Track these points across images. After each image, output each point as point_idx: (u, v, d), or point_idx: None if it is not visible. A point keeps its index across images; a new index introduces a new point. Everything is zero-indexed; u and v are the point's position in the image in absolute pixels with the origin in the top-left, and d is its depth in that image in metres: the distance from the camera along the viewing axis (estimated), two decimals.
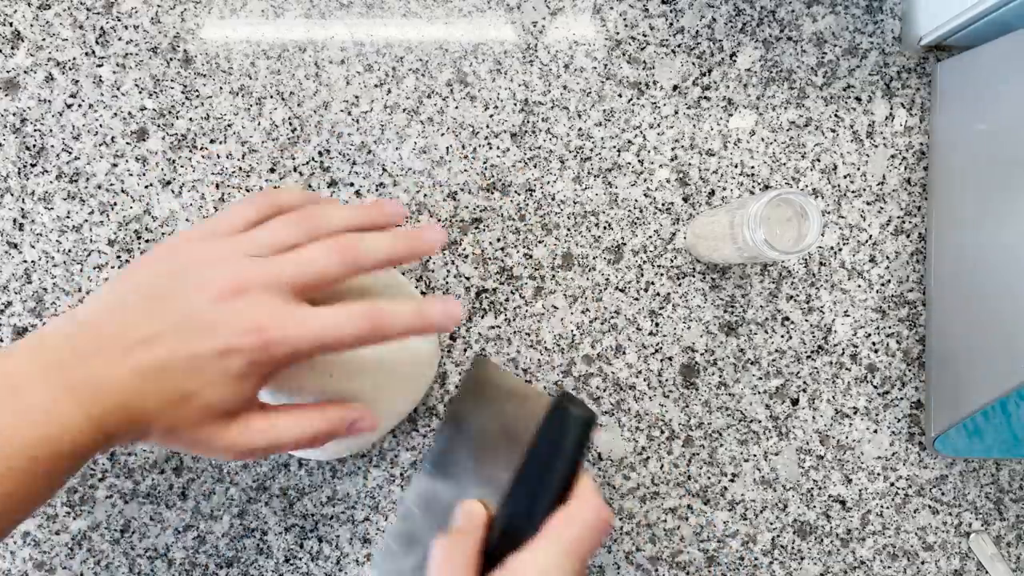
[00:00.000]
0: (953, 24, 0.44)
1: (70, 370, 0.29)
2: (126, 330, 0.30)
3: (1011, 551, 0.48)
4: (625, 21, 0.47)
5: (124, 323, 0.30)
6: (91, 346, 0.30)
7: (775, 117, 0.47)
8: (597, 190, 0.47)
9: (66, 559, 0.44)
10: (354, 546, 0.45)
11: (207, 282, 0.31)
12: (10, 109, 0.45)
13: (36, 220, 0.45)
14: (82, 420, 0.28)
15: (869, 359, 0.48)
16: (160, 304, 0.31)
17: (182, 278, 0.31)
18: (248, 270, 0.31)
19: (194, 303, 0.31)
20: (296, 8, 0.46)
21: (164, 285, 0.31)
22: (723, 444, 0.47)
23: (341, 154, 0.46)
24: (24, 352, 0.29)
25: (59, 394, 0.28)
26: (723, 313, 0.47)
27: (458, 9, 0.47)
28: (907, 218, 0.48)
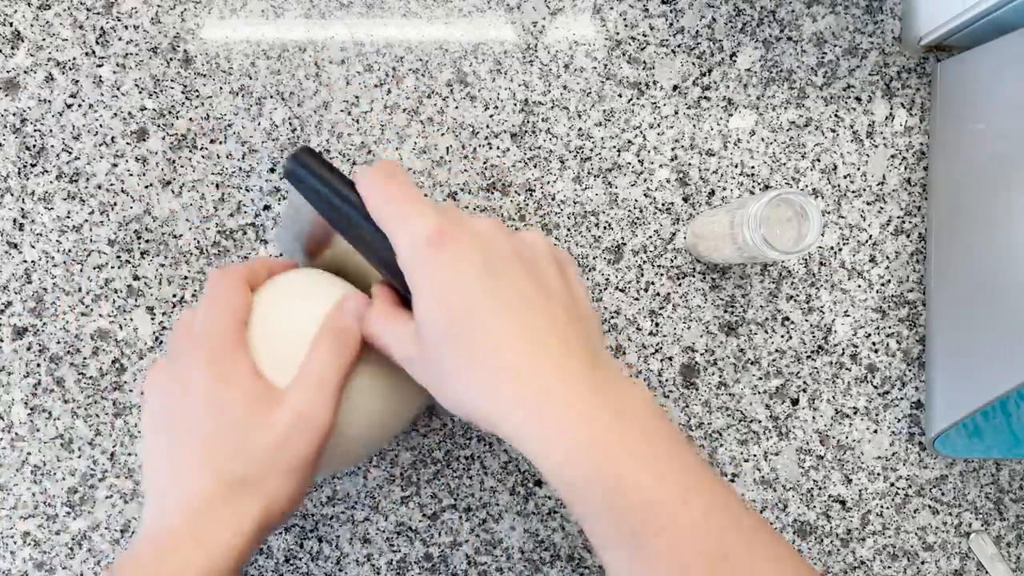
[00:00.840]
0: (953, 24, 0.44)
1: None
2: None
3: (1011, 551, 0.48)
4: (625, 21, 0.47)
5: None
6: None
7: (775, 117, 0.47)
8: (597, 190, 0.47)
9: (66, 559, 0.44)
10: (354, 546, 0.45)
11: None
12: (10, 109, 0.45)
13: (36, 220, 0.45)
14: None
15: (869, 359, 0.48)
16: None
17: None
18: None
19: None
20: (296, 8, 0.46)
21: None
22: (723, 444, 0.47)
23: (341, 154, 0.46)
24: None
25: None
26: (723, 313, 0.47)
27: (458, 9, 0.47)
28: (907, 218, 0.48)
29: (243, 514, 0.31)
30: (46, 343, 0.45)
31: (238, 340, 0.33)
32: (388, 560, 0.45)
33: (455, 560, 0.46)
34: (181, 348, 0.34)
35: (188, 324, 0.35)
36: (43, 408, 0.45)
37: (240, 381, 0.32)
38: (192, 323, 0.35)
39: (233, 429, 0.32)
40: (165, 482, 0.32)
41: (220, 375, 0.32)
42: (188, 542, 0.30)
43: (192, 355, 0.33)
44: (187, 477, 0.31)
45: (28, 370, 0.45)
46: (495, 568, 0.46)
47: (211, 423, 0.32)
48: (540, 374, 0.29)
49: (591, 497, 0.28)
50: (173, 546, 0.30)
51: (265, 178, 0.46)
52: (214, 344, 0.33)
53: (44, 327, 0.45)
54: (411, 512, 0.46)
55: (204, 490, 0.31)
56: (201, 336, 0.34)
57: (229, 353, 0.33)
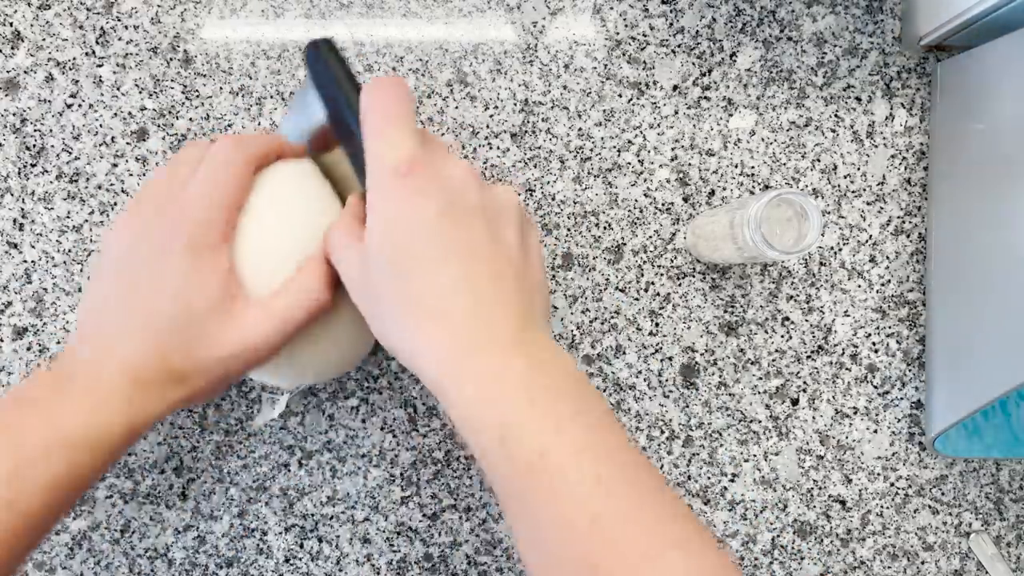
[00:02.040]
0: (953, 24, 0.44)
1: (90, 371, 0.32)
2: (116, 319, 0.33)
3: (1011, 551, 0.48)
4: (625, 21, 0.47)
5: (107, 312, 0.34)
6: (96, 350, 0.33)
7: (775, 117, 0.47)
8: (597, 190, 0.47)
9: (66, 559, 0.44)
10: (354, 546, 0.45)
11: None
12: (10, 109, 0.45)
13: (36, 220, 0.45)
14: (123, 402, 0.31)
15: (869, 359, 0.48)
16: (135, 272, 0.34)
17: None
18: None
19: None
20: (296, 8, 0.46)
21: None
22: (723, 444, 0.47)
23: None
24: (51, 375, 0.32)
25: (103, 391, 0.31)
26: (723, 313, 0.47)
27: (458, 9, 0.47)
28: (907, 218, 0.48)
29: (168, 398, 0.32)
30: (46, 343, 0.45)
31: (225, 233, 0.33)
32: (388, 560, 0.45)
33: (455, 560, 0.46)
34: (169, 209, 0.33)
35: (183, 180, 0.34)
36: None
37: (213, 280, 0.32)
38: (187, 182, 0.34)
39: (190, 326, 0.32)
40: (113, 331, 0.33)
41: (196, 266, 0.32)
42: (123, 401, 0.31)
43: (177, 228, 0.32)
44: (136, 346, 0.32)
45: (28, 370, 0.45)
46: (495, 568, 0.46)
47: (174, 309, 0.32)
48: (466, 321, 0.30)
49: (486, 441, 0.28)
50: (109, 400, 0.31)
51: None
52: (201, 230, 0.32)
53: (44, 327, 0.45)
54: (411, 512, 0.46)
55: (148, 368, 0.32)
56: (192, 212, 0.33)
57: (213, 245, 0.33)
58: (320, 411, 0.45)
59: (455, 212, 0.31)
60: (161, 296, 0.32)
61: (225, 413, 0.45)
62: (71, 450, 0.30)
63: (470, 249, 0.31)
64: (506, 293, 0.31)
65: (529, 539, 0.28)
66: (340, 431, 0.46)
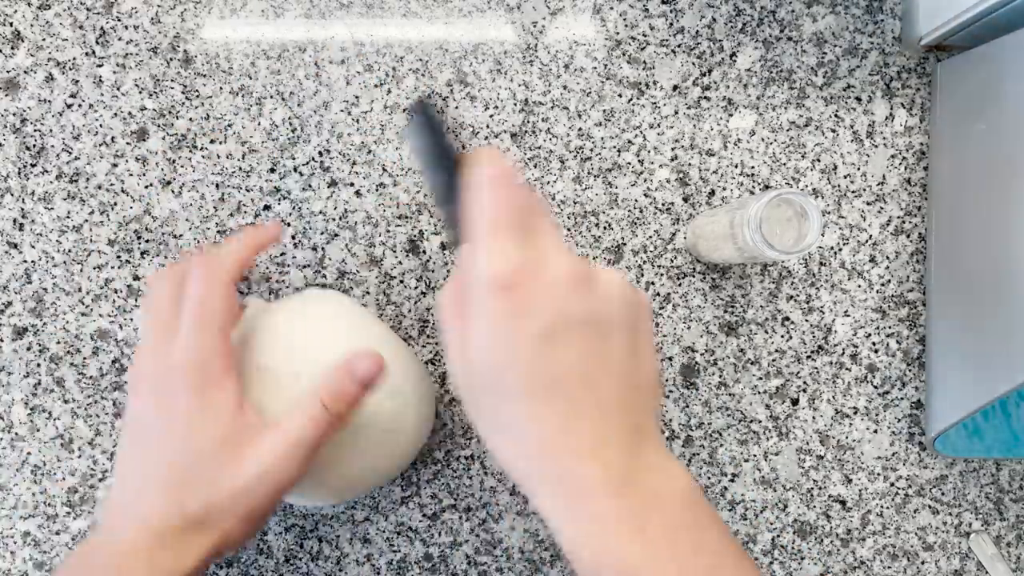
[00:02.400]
0: (953, 24, 0.44)
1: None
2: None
3: (1011, 551, 0.48)
4: (625, 21, 0.47)
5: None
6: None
7: (775, 117, 0.47)
8: (597, 190, 0.47)
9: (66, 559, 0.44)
10: (354, 546, 0.45)
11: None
12: (10, 109, 0.45)
13: (36, 220, 0.45)
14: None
15: (869, 359, 0.48)
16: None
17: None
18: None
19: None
20: (296, 8, 0.46)
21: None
22: (723, 444, 0.47)
23: (341, 154, 0.46)
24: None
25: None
26: (723, 313, 0.47)
27: (458, 9, 0.47)
28: (907, 218, 0.48)
29: (195, 548, 0.32)
30: (46, 343, 0.45)
31: (228, 364, 0.33)
32: (388, 560, 0.45)
33: (455, 560, 0.46)
34: (164, 365, 0.33)
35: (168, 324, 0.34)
36: (43, 408, 0.45)
37: (222, 415, 0.32)
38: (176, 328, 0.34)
39: (203, 466, 0.32)
40: (132, 494, 0.33)
41: (204, 406, 0.32)
42: (143, 563, 0.31)
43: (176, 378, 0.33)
44: (153, 500, 0.32)
45: (28, 370, 0.45)
46: (495, 568, 0.46)
47: (185, 454, 0.32)
48: (573, 460, 0.28)
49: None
50: (129, 565, 0.31)
51: (265, 178, 0.46)
52: (199, 372, 0.33)
53: (44, 327, 0.45)
54: (411, 512, 0.46)
55: (166, 518, 0.31)
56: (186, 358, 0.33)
57: (215, 381, 0.33)
58: None
59: (558, 331, 0.28)
60: (170, 447, 0.32)
61: None
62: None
63: (574, 374, 0.28)
64: (611, 417, 0.28)
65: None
66: None
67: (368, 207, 0.46)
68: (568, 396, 0.28)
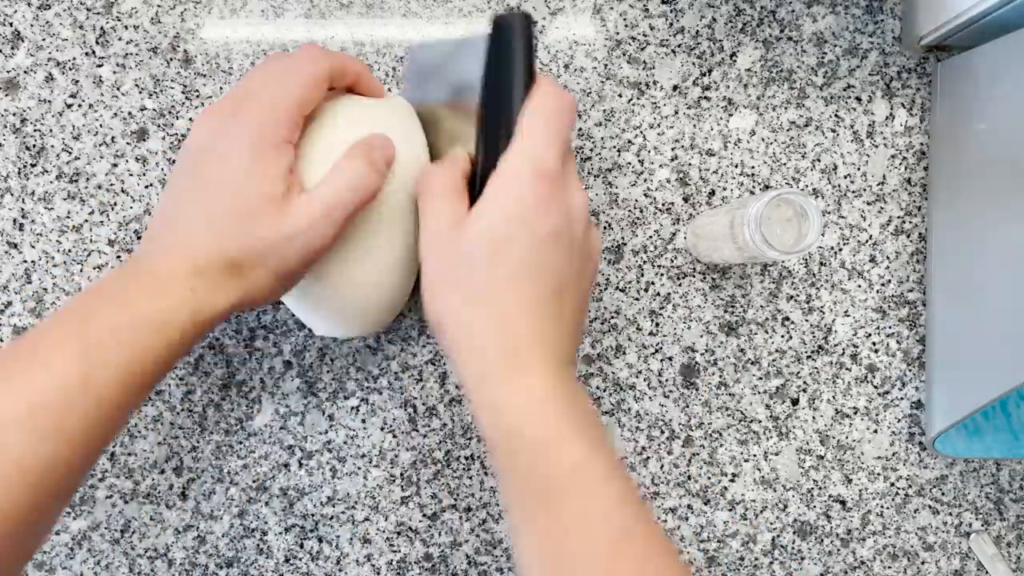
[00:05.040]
0: (953, 24, 0.44)
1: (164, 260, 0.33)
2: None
3: (1011, 551, 0.48)
4: (625, 21, 0.47)
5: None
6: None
7: (775, 117, 0.47)
8: (597, 190, 0.47)
9: (66, 559, 0.44)
10: (354, 546, 0.45)
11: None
12: (10, 109, 0.45)
13: (36, 220, 0.45)
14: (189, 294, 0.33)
15: (869, 359, 0.48)
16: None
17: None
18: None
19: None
20: (296, 8, 0.46)
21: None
22: (723, 444, 0.47)
23: None
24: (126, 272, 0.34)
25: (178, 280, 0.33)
26: (723, 313, 0.47)
27: (458, 9, 0.47)
28: (907, 218, 0.48)
29: (228, 290, 0.33)
30: None
31: (289, 132, 0.34)
32: (388, 560, 0.45)
33: (455, 560, 0.46)
34: (241, 112, 0.34)
35: (261, 84, 0.35)
36: None
37: (273, 175, 0.33)
38: (264, 85, 0.35)
39: (248, 215, 0.33)
40: (178, 226, 0.34)
41: (258, 159, 0.33)
42: (186, 288, 0.32)
43: (246, 123, 0.34)
44: (198, 236, 0.33)
45: None
46: (495, 568, 0.46)
47: (233, 199, 0.33)
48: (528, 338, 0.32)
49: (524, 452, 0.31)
50: (173, 285, 0.32)
51: None
52: (265, 130, 0.34)
53: None
54: (411, 512, 0.46)
55: (208, 254, 0.33)
56: (260, 112, 0.34)
57: (275, 144, 0.34)
58: (320, 411, 0.45)
59: (562, 238, 0.33)
60: (222, 191, 0.33)
61: (225, 413, 0.45)
62: (138, 332, 0.31)
63: (558, 278, 0.33)
64: (565, 328, 0.34)
65: (546, 550, 0.31)
66: (340, 431, 0.46)
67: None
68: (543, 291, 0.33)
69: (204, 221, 0.33)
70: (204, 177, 0.34)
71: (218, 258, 0.33)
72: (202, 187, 0.34)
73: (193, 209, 0.34)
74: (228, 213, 0.33)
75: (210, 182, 0.34)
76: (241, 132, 0.34)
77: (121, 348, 0.30)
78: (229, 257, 0.33)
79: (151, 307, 0.31)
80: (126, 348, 0.30)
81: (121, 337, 0.30)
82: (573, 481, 0.31)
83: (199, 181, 0.34)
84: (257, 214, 0.33)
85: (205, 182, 0.34)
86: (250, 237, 0.33)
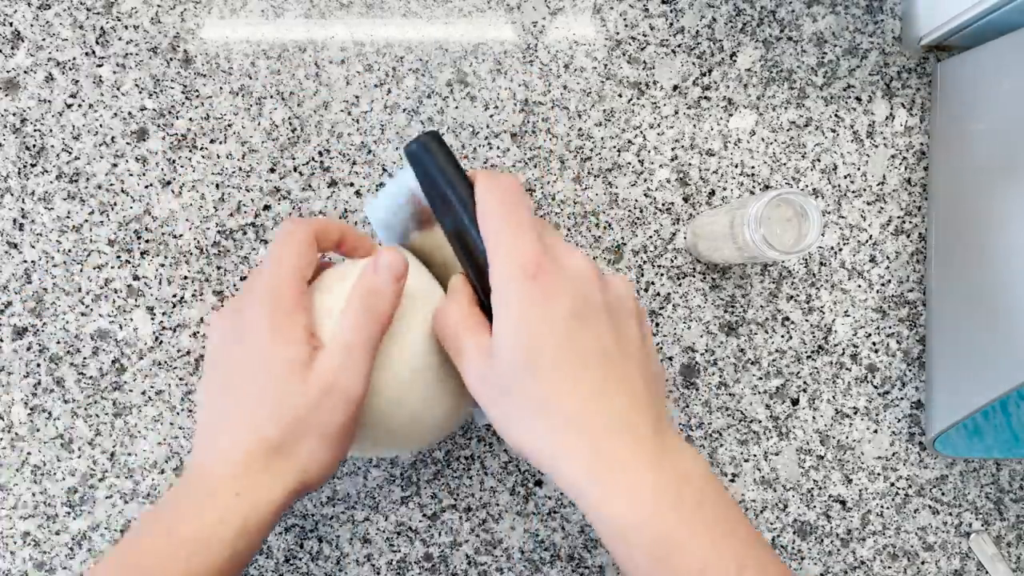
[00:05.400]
0: (953, 24, 0.44)
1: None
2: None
3: (1011, 551, 0.48)
4: (625, 21, 0.47)
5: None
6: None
7: (775, 117, 0.47)
8: (597, 190, 0.47)
9: (66, 559, 0.44)
10: (354, 546, 0.45)
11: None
12: (10, 109, 0.45)
13: (36, 220, 0.45)
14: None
15: (869, 359, 0.48)
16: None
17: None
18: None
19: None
20: (296, 8, 0.46)
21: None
22: (723, 444, 0.47)
23: (341, 154, 0.46)
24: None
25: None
26: (723, 313, 0.47)
27: (458, 9, 0.47)
28: (907, 218, 0.48)
29: (280, 477, 0.32)
30: (46, 343, 0.45)
31: (299, 298, 0.34)
32: (388, 560, 0.45)
33: (455, 560, 0.46)
34: (245, 300, 0.34)
35: (253, 276, 0.36)
36: (43, 408, 0.45)
37: (293, 340, 0.32)
38: (260, 269, 0.35)
39: (275, 390, 0.32)
40: (214, 428, 0.33)
41: (276, 331, 0.32)
42: (230, 495, 0.31)
43: (254, 308, 0.33)
44: (235, 430, 0.32)
45: (28, 370, 0.45)
46: (495, 568, 0.46)
47: (259, 379, 0.32)
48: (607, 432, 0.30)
49: (641, 556, 0.29)
50: (215, 497, 0.31)
51: (265, 178, 0.46)
52: (276, 300, 0.33)
53: (44, 327, 0.45)
54: (411, 512, 0.46)
55: (248, 448, 0.32)
56: (264, 290, 0.34)
57: (289, 311, 0.33)
58: None
59: (583, 313, 0.31)
60: (249, 377, 0.33)
61: None
62: (183, 550, 0.30)
63: (600, 352, 0.31)
64: (638, 395, 0.31)
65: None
66: None
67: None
68: (597, 372, 0.30)
69: (235, 411, 0.32)
70: (229, 371, 0.34)
71: (256, 444, 0.32)
72: (229, 381, 0.33)
73: (222, 404, 0.33)
74: (259, 395, 0.32)
75: (235, 373, 0.33)
76: (252, 315, 0.33)
77: (166, 573, 0.29)
78: (268, 441, 0.32)
79: (196, 525, 0.30)
80: (171, 573, 0.29)
81: (165, 565, 0.30)
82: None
83: (226, 378, 0.34)
84: (286, 385, 0.32)
85: (231, 375, 0.33)
86: (284, 410, 0.32)
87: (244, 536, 0.31)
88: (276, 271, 0.34)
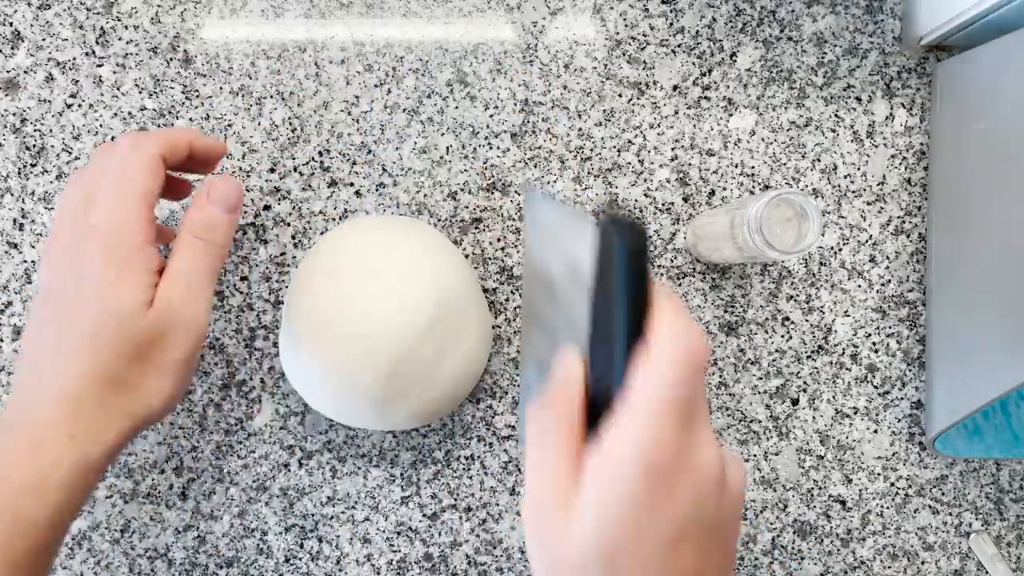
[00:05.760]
0: (953, 24, 0.44)
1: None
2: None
3: (1011, 551, 0.48)
4: (625, 21, 0.47)
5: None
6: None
7: (775, 117, 0.47)
8: (597, 190, 0.47)
9: (66, 559, 0.44)
10: (354, 546, 0.45)
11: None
12: (10, 109, 0.45)
13: (36, 220, 0.45)
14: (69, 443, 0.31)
15: (869, 359, 0.48)
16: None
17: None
18: None
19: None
20: (296, 8, 0.46)
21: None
22: (723, 444, 0.47)
23: (341, 154, 0.46)
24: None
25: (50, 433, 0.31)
26: (723, 313, 0.47)
27: (458, 9, 0.47)
28: (907, 218, 0.48)
29: (118, 413, 0.31)
30: None
31: (144, 234, 0.32)
32: (388, 560, 0.45)
33: (455, 560, 0.46)
34: (79, 229, 0.32)
35: (90, 193, 0.32)
36: None
37: (135, 284, 0.31)
38: (96, 194, 0.32)
39: (118, 331, 0.31)
40: (42, 370, 0.32)
41: (118, 278, 0.31)
42: (63, 436, 0.30)
43: (91, 244, 0.31)
44: (66, 371, 0.31)
45: None
46: (495, 568, 0.46)
47: (99, 322, 0.31)
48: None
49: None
50: (47, 438, 0.30)
51: (265, 178, 0.46)
52: (118, 236, 0.31)
53: None
54: (411, 512, 0.46)
55: (81, 388, 0.31)
56: (106, 225, 0.31)
57: (132, 253, 0.31)
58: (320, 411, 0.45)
59: (687, 535, 0.26)
60: (86, 317, 0.31)
61: (225, 413, 0.45)
62: (14, 497, 0.29)
63: (689, 571, 0.26)
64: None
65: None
66: (340, 431, 0.46)
67: (368, 207, 0.46)
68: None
69: (69, 348, 0.31)
70: (61, 307, 0.32)
71: (92, 382, 0.30)
72: (61, 317, 0.32)
73: (55, 342, 0.31)
74: (95, 333, 0.31)
75: (69, 310, 0.31)
76: (92, 253, 0.31)
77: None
78: (105, 377, 0.31)
79: (25, 467, 0.29)
80: (2, 515, 0.29)
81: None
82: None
83: (56, 312, 0.32)
84: (126, 323, 0.31)
85: (63, 311, 0.32)
86: (124, 347, 0.31)
87: (82, 476, 0.30)
88: (120, 198, 0.31)
